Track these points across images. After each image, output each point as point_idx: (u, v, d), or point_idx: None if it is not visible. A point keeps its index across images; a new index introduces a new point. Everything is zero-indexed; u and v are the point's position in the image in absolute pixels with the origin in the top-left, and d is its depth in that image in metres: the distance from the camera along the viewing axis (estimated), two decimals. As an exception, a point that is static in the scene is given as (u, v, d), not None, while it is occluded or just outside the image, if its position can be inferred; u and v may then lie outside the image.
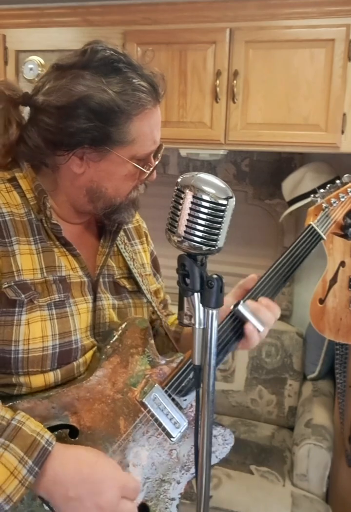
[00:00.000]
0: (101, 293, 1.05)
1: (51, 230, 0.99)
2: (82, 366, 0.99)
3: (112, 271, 1.09)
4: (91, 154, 0.95)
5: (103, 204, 1.01)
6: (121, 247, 1.13)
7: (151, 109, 0.98)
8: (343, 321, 1.54)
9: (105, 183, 0.98)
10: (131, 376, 1.00)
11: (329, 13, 2.06)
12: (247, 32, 2.16)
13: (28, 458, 0.83)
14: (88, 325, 1.01)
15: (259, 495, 2.08)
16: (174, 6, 2.23)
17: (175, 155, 2.81)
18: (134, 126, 0.95)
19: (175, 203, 0.77)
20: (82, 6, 2.34)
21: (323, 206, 1.15)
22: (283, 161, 2.64)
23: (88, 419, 0.94)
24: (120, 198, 1.01)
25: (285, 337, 2.64)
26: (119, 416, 0.97)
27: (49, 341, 0.94)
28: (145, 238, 1.23)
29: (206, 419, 0.79)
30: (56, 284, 0.97)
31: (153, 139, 1.00)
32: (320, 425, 2.23)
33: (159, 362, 1.04)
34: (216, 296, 0.77)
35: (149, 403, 0.99)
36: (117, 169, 0.97)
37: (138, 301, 1.12)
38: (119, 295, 1.09)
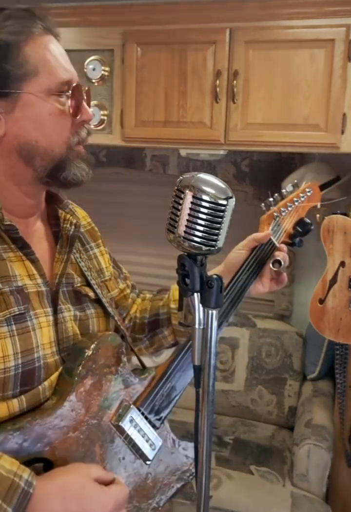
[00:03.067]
0: (62, 304, 0.95)
1: (5, 233, 0.89)
2: (47, 390, 0.90)
3: (71, 279, 1.00)
4: (2, 106, 0.87)
5: (41, 161, 0.90)
6: (77, 256, 1.04)
7: (42, 35, 0.89)
8: (343, 321, 1.54)
9: (32, 134, 0.88)
10: (105, 398, 0.93)
11: (329, 13, 2.06)
12: (247, 32, 2.16)
13: (7, 505, 0.73)
14: (52, 341, 0.92)
15: (259, 495, 2.08)
16: (174, 6, 2.23)
17: (175, 155, 2.81)
18: (29, 54, 0.87)
19: (175, 203, 0.77)
20: (82, 6, 2.34)
21: (274, 215, 1.18)
22: (283, 161, 2.64)
23: (63, 449, 0.86)
24: (59, 148, 0.90)
25: (285, 337, 2.64)
26: (95, 443, 0.91)
27: (11, 361, 0.84)
28: (100, 241, 1.16)
29: (206, 419, 0.79)
30: (14, 295, 0.87)
31: (64, 67, 0.91)
32: (320, 425, 2.23)
33: (132, 381, 0.98)
34: (216, 296, 0.77)
35: (126, 426, 0.94)
36: (37, 110, 0.88)
37: (100, 311, 1.04)
38: (81, 305, 1.01)
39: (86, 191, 1.14)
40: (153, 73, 2.29)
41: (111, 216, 2.94)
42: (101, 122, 2.37)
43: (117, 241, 3.03)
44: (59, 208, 1.03)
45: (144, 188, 2.93)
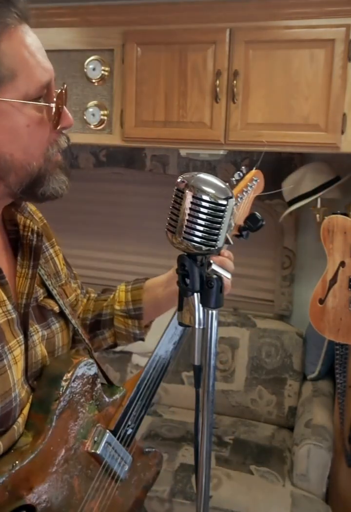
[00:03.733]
0: (30, 327, 0.87)
1: None
2: (21, 426, 0.83)
3: (35, 293, 0.89)
4: None
5: (16, 177, 0.79)
6: None
7: (17, 27, 0.75)
8: (343, 321, 1.54)
9: (7, 147, 0.77)
10: (81, 427, 0.90)
11: (329, 13, 2.06)
12: (247, 32, 2.16)
13: None
14: (22, 370, 0.84)
15: (259, 495, 2.08)
16: (174, 6, 2.23)
17: (175, 155, 2.81)
18: (4, 54, 0.73)
19: (175, 203, 0.77)
20: (82, 6, 2.34)
21: None
22: (283, 161, 2.64)
23: (43, 490, 0.83)
24: (36, 161, 0.79)
25: (285, 337, 2.64)
26: (73, 476, 0.89)
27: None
28: (54, 239, 1.05)
29: (206, 419, 0.79)
30: None
31: (41, 65, 0.77)
32: (320, 425, 2.23)
33: (105, 402, 0.97)
34: (216, 296, 0.77)
35: (102, 453, 0.93)
36: (13, 121, 0.76)
37: (63, 323, 0.97)
38: (46, 321, 0.93)
39: (86, 191, 1.13)
40: (153, 73, 2.29)
41: (111, 216, 2.94)
42: (101, 122, 2.37)
43: (117, 241, 3.03)
44: (17, 212, 0.91)
45: (144, 188, 2.93)
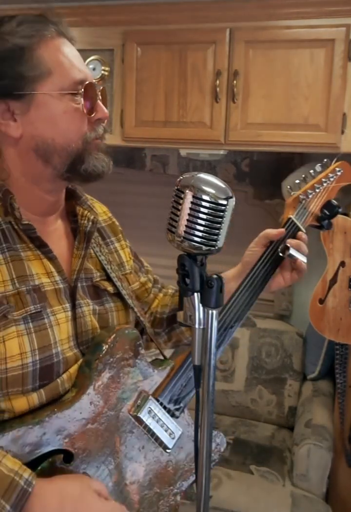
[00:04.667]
0: (80, 299, 0.98)
1: (24, 232, 0.91)
2: (66, 382, 0.93)
3: (90, 274, 1.02)
4: (17, 108, 0.89)
5: (59, 159, 0.91)
6: (96, 250, 1.06)
7: (55, 38, 0.92)
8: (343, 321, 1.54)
9: (48, 133, 0.90)
10: (123, 390, 0.96)
11: (329, 13, 2.06)
12: (247, 32, 2.16)
13: (5, 502, 0.76)
14: (70, 335, 0.95)
15: (259, 495, 2.08)
16: (174, 6, 2.23)
17: (175, 155, 2.81)
18: (42, 56, 0.89)
19: (175, 203, 0.77)
20: (82, 6, 2.34)
21: (300, 198, 1.15)
22: (283, 161, 2.64)
23: (82, 441, 0.89)
24: (75, 143, 0.91)
25: (285, 337, 2.64)
26: (114, 434, 0.94)
27: (29, 357, 0.86)
28: (121, 235, 1.17)
29: (206, 419, 0.79)
30: (30, 294, 0.89)
31: (76, 67, 0.92)
32: (320, 425, 2.23)
33: (150, 373, 1.00)
34: (216, 296, 0.77)
35: (144, 417, 0.96)
36: (52, 109, 0.89)
37: (120, 304, 1.06)
38: (100, 299, 1.02)
39: (86, 191, 1.14)
40: (153, 73, 2.29)
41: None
42: (101, 122, 2.37)
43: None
44: (76, 205, 1.04)
45: (144, 188, 2.93)
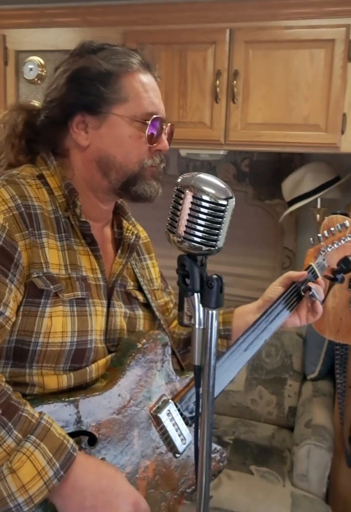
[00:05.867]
0: (114, 300, 1.06)
1: (79, 228, 1.01)
2: (94, 372, 0.99)
3: (125, 282, 1.11)
4: (91, 122, 1.00)
5: (116, 174, 1.01)
6: (133, 263, 1.16)
7: (139, 71, 1.02)
8: (343, 321, 1.54)
9: (112, 150, 1.00)
10: (148, 389, 1.01)
11: (329, 13, 2.06)
12: (247, 32, 2.16)
13: (56, 460, 0.84)
14: (102, 329, 1.02)
15: (259, 495, 2.08)
16: (174, 6, 2.24)
17: (175, 155, 2.81)
18: (124, 84, 1.00)
19: (175, 203, 0.77)
20: (82, 6, 2.34)
21: (321, 249, 1.26)
22: (283, 161, 2.64)
23: (106, 428, 0.95)
24: (132, 166, 1.01)
25: (285, 337, 2.64)
26: (134, 428, 0.99)
27: (68, 337, 0.94)
28: (153, 255, 1.27)
29: (206, 419, 0.79)
30: (79, 281, 0.98)
31: (151, 100, 1.03)
32: (320, 425, 2.23)
33: (173, 379, 1.06)
34: (216, 296, 0.77)
35: (163, 417, 1.01)
36: (120, 131, 1.00)
37: (147, 314, 1.14)
38: (131, 305, 1.11)
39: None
40: (153, 73, 2.29)
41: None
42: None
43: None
44: (123, 219, 1.15)
45: (144, 188, 2.93)
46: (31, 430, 0.84)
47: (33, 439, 0.83)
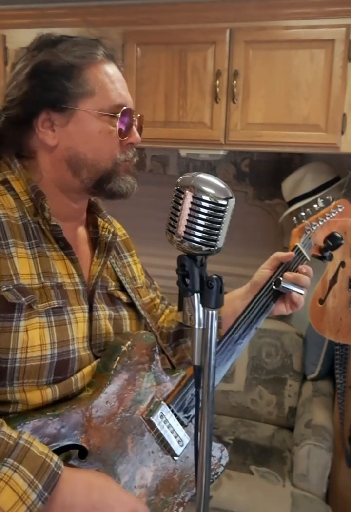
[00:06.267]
0: (97, 303, 1.01)
1: (50, 232, 0.95)
2: (80, 381, 0.95)
3: (106, 282, 1.06)
4: (57, 119, 0.94)
5: (88, 173, 0.96)
6: (113, 262, 1.10)
7: (103, 61, 0.97)
8: (343, 322, 1.53)
9: (82, 148, 0.95)
10: (138, 393, 0.98)
11: (329, 13, 2.06)
12: (247, 32, 2.16)
13: (38, 481, 0.78)
14: (85, 336, 0.97)
15: (259, 496, 2.08)
16: (174, 6, 2.24)
17: (175, 156, 2.81)
18: (88, 77, 0.95)
19: (175, 203, 0.77)
20: (82, 6, 2.34)
21: (305, 228, 1.22)
22: (283, 161, 2.64)
23: (97, 438, 0.91)
24: (105, 162, 0.96)
25: (285, 337, 2.64)
26: (127, 435, 0.95)
27: (48, 349, 0.89)
28: (134, 251, 1.22)
29: (206, 419, 0.79)
30: (54, 290, 0.93)
31: (118, 91, 0.97)
32: (320, 425, 2.23)
33: (164, 379, 1.02)
34: (216, 296, 0.77)
35: (156, 421, 0.98)
36: (88, 127, 0.95)
37: (133, 314, 1.09)
38: (114, 306, 1.06)
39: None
40: (153, 73, 2.29)
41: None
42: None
43: (117, 241, 3.02)
44: (98, 217, 1.10)
45: (144, 188, 2.92)
46: (8, 452, 0.78)
47: (11, 462, 0.78)
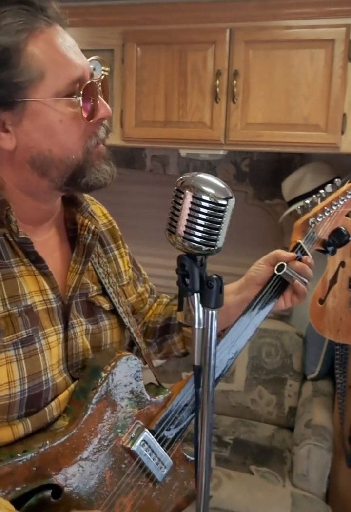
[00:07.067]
0: (73, 319, 0.91)
1: (19, 246, 0.85)
2: (55, 410, 0.87)
3: (85, 289, 0.95)
4: (8, 118, 0.80)
5: (57, 171, 0.83)
6: (94, 261, 0.98)
7: (44, 30, 0.79)
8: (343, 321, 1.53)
9: (44, 144, 0.81)
10: (118, 420, 0.91)
11: (329, 13, 2.06)
12: (247, 32, 2.16)
13: None
14: (60, 359, 0.88)
15: (259, 496, 2.08)
16: (174, 6, 2.23)
17: (175, 155, 2.81)
18: (31, 56, 0.77)
19: (174, 203, 0.77)
20: (82, 6, 2.34)
21: (310, 222, 1.11)
22: (283, 161, 2.64)
23: (72, 474, 0.85)
24: (75, 154, 0.82)
25: (285, 337, 2.64)
26: (105, 467, 0.89)
27: (17, 386, 0.80)
28: (121, 242, 1.10)
29: (206, 419, 0.79)
30: (22, 317, 0.82)
31: (71, 62, 0.80)
32: (320, 425, 2.23)
33: (146, 402, 0.96)
34: (216, 296, 0.77)
35: (138, 450, 0.92)
36: (46, 119, 0.80)
37: (115, 322, 1.00)
38: (94, 316, 0.96)
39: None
40: (153, 73, 2.29)
41: (111, 216, 2.93)
42: (101, 122, 2.37)
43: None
44: (77, 212, 0.96)
45: (144, 188, 2.93)
46: None
47: None
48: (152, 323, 1.18)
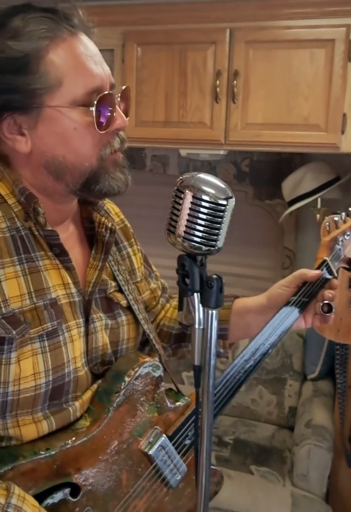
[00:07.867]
0: (93, 314, 0.93)
1: (44, 239, 0.86)
2: (79, 411, 0.89)
3: (104, 285, 0.97)
4: (24, 122, 0.81)
5: (71, 177, 0.84)
6: (110, 259, 1.00)
7: (67, 39, 0.81)
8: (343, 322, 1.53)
9: (58, 150, 0.82)
10: (138, 424, 0.94)
11: (329, 13, 2.06)
12: (247, 32, 2.16)
13: None
14: (82, 352, 0.90)
15: (259, 495, 2.08)
16: (174, 6, 2.24)
17: (175, 155, 2.81)
18: (51, 63, 0.79)
19: (174, 203, 0.77)
20: (82, 6, 2.34)
21: (338, 239, 1.10)
22: (283, 161, 2.64)
23: (91, 474, 0.87)
24: (89, 162, 0.84)
25: (285, 337, 2.62)
26: (122, 469, 0.91)
27: (42, 378, 0.82)
28: (133, 239, 1.12)
29: (206, 419, 0.79)
30: (48, 310, 0.84)
31: (90, 72, 0.81)
32: (320, 425, 2.23)
33: (166, 408, 0.98)
34: (216, 296, 0.77)
35: (155, 454, 0.94)
36: (61, 126, 0.81)
37: (131, 317, 1.02)
38: (112, 312, 0.98)
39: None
40: (153, 73, 2.29)
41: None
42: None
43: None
44: (93, 211, 0.97)
45: (144, 188, 2.93)
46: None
47: None
48: (167, 328, 1.19)
